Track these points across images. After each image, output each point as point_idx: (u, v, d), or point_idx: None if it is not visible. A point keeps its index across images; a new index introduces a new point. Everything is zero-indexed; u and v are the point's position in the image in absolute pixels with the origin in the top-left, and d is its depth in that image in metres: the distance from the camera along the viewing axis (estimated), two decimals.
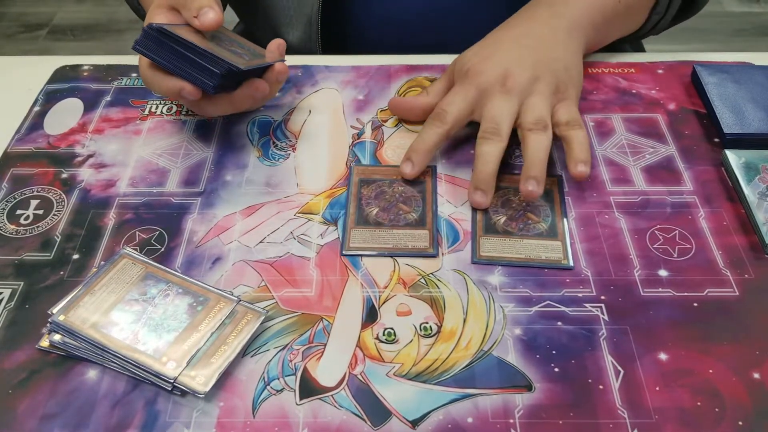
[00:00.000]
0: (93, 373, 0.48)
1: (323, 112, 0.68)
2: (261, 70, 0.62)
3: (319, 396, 0.47)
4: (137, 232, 0.57)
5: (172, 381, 0.46)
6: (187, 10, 0.59)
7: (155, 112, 0.68)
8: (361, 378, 0.48)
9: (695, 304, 0.52)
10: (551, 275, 0.54)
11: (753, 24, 2.30)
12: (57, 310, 0.49)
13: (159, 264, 0.53)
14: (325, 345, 0.50)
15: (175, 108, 0.69)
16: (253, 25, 0.89)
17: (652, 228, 0.57)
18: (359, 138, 0.66)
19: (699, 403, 0.46)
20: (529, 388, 0.47)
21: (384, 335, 0.50)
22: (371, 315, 0.51)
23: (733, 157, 0.61)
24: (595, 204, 0.59)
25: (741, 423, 0.45)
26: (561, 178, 0.61)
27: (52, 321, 0.49)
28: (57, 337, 0.49)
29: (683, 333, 0.50)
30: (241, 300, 0.51)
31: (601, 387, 0.47)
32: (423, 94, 0.66)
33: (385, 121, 0.67)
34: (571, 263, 0.54)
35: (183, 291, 0.51)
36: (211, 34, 0.60)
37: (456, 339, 0.50)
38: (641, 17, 0.73)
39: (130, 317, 0.49)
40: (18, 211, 0.59)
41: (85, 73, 0.73)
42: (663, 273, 0.54)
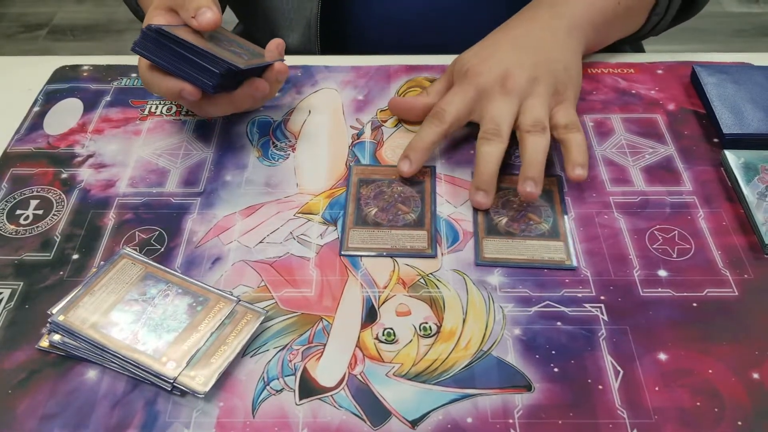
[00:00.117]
0: (93, 374, 0.48)
1: (323, 112, 0.68)
2: (261, 69, 0.62)
3: (319, 396, 0.47)
4: (137, 232, 0.57)
5: (171, 381, 0.46)
6: (185, 10, 0.59)
7: (155, 112, 0.68)
8: (361, 378, 0.48)
9: (695, 304, 0.52)
10: (551, 275, 0.54)
11: (752, 24, 2.30)
12: (57, 310, 0.49)
13: (159, 264, 0.53)
14: (325, 345, 0.50)
15: (175, 108, 0.69)
16: (253, 27, 0.89)
17: (651, 228, 0.57)
18: (359, 138, 0.66)
19: (698, 403, 0.46)
20: (529, 388, 0.47)
21: (384, 335, 0.50)
22: (371, 315, 0.51)
23: (733, 158, 0.61)
24: (595, 204, 0.59)
25: (740, 423, 0.45)
26: (560, 178, 0.61)
27: (51, 321, 0.49)
28: (57, 337, 0.49)
29: (683, 333, 0.50)
30: (241, 300, 0.51)
31: (601, 387, 0.47)
32: (423, 94, 0.66)
33: (385, 122, 0.67)
34: (575, 264, 0.54)
35: (183, 291, 0.51)
36: (210, 34, 0.60)
37: (455, 339, 0.50)
38: (641, 18, 0.73)
39: (129, 317, 0.49)
40: (18, 211, 0.59)
41: (85, 74, 0.73)
42: (662, 273, 0.54)
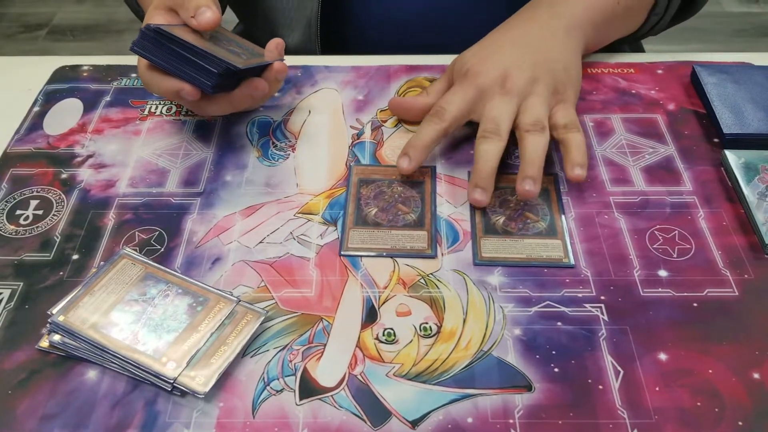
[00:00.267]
0: (93, 374, 0.48)
1: (323, 112, 0.68)
2: (260, 69, 0.62)
3: (319, 396, 0.47)
4: (137, 232, 0.57)
5: (171, 381, 0.46)
6: (185, 10, 0.59)
7: (155, 112, 0.68)
8: (361, 378, 0.48)
9: (695, 304, 0.52)
10: (551, 275, 0.54)
11: (752, 24, 2.30)
12: (57, 310, 0.49)
13: (159, 264, 0.53)
14: (325, 345, 0.50)
15: (175, 108, 0.69)
16: (253, 27, 0.89)
17: (651, 228, 0.57)
18: (359, 138, 0.66)
19: (699, 404, 0.46)
20: (529, 388, 0.47)
21: (384, 335, 0.50)
22: (371, 315, 0.51)
23: (733, 158, 0.61)
24: (595, 204, 0.59)
25: (741, 423, 0.45)
26: (557, 176, 0.61)
27: (51, 321, 0.49)
28: (57, 338, 0.49)
29: (683, 333, 0.50)
30: (241, 300, 0.51)
31: (601, 387, 0.47)
32: (423, 94, 0.66)
33: (385, 122, 0.67)
34: (572, 261, 0.54)
35: (183, 291, 0.51)
36: (210, 34, 0.60)
37: (456, 339, 0.50)
38: (640, 18, 0.73)
39: (129, 317, 0.49)
40: (17, 212, 0.59)
41: (85, 74, 0.73)
42: (663, 273, 0.54)
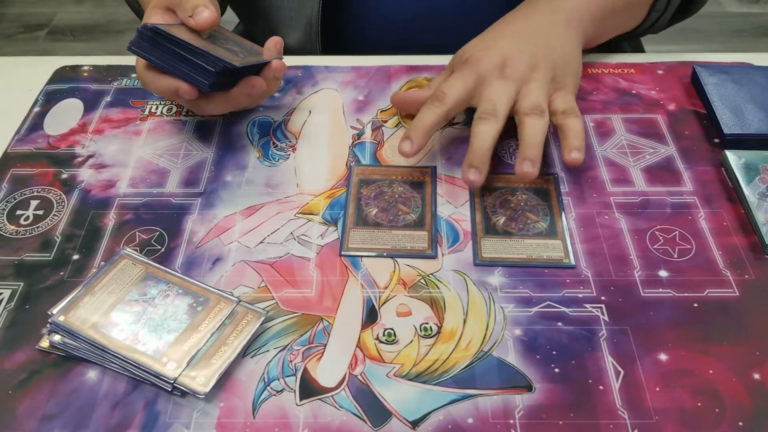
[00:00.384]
0: (93, 374, 0.48)
1: (323, 112, 0.68)
2: (258, 67, 0.62)
3: (320, 396, 0.47)
4: (137, 232, 0.57)
5: (172, 381, 0.46)
6: (182, 9, 0.59)
7: (155, 112, 0.68)
8: (362, 378, 0.48)
9: (695, 304, 0.52)
10: (551, 276, 0.54)
11: (752, 24, 2.30)
12: (57, 310, 0.49)
13: (159, 264, 0.53)
14: (325, 345, 0.50)
15: (175, 108, 0.69)
16: (254, 27, 0.89)
17: (652, 228, 0.57)
18: (359, 138, 0.66)
19: (699, 404, 0.46)
20: (530, 388, 0.47)
21: (384, 336, 0.50)
22: (371, 315, 0.51)
23: (733, 158, 0.61)
24: (595, 204, 0.59)
25: (741, 423, 0.45)
26: (558, 177, 0.61)
27: (52, 321, 0.49)
28: (57, 338, 0.49)
29: (683, 333, 0.50)
30: (241, 300, 0.51)
31: (602, 387, 0.47)
32: (425, 88, 0.66)
33: (385, 122, 0.67)
34: (573, 262, 0.54)
35: (183, 291, 0.51)
36: (208, 33, 0.60)
37: (456, 339, 0.50)
38: (641, 14, 0.73)
39: (130, 318, 0.49)
40: (18, 212, 0.59)
41: (85, 74, 0.73)
42: (663, 273, 0.54)
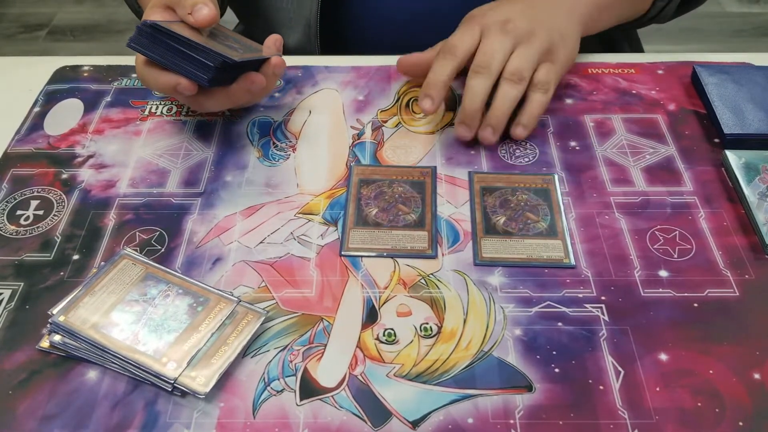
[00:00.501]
0: (93, 374, 0.48)
1: (323, 112, 0.68)
2: (257, 63, 0.61)
3: (320, 397, 0.47)
4: (137, 232, 0.57)
5: (172, 382, 0.46)
6: (182, 7, 0.59)
7: (155, 112, 0.68)
8: (362, 379, 0.48)
9: (695, 304, 0.52)
10: (551, 276, 0.54)
11: (752, 24, 2.30)
12: (57, 310, 0.49)
13: (159, 264, 0.53)
14: (326, 345, 0.50)
15: (176, 108, 0.69)
16: (253, 27, 0.89)
17: (652, 228, 0.57)
18: (359, 138, 0.66)
19: (699, 404, 0.46)
20: (530, 388, 0.47)
21: (384, 336, 0.50)
22: (371, 315, 0.51)
23: (733, 158, 0.61)
24: (596, 204, 0.59)
25: (741, 423, 0.45)
26: (558, 177, 0.61)
27: (52, 321, 0.49)
28: (57, 338, 0.49)
29: (683, 333, 0.50)
30: (242, 300, 0.51)
31: (602, 387, 0.47)
32: (430, 49, 0.69)
33: (386, 122, 0.67)
34: (573, 262, 0.54)
35: (183, 291, 0.51)
36: (207, 31, 0.60)
37: (456, 339, 0.50)
38: (646, 2, 0.75)
39: (130, 318, 0.49)
40: (18, 212, 0.59)
41: (85, 74, 0.73)
42: (663, 273, 0.54)
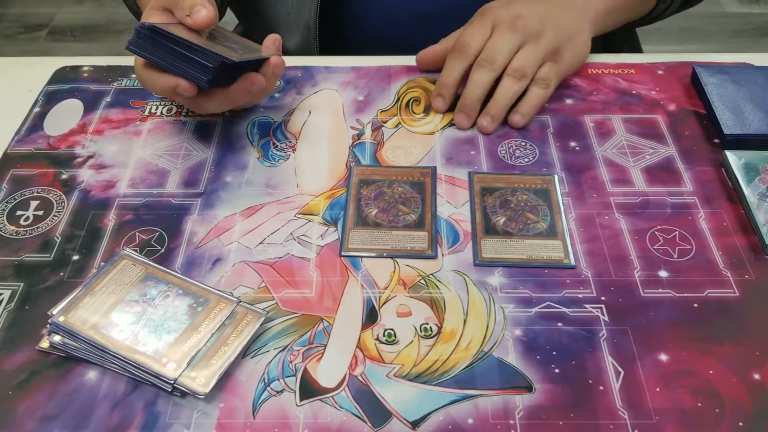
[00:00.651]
0: (93, 374, 0.48)
1: (323, 112, 0.68)
2: (257, 64, 0.61)
3: (320, 397, 0.47)
4: (137, 233, 0.57)
5: (172, 382, 0.46)
6: (180, 9, 0.59)
7: (155, 113, 0.68)
8: (362, 379, 0.48)
9: (695, 304, 0.52)
10: (551, 276, 0.54)
11: (752, 25, 2.30)
12: (57, 311, 0.49)
13: (159, 265, 0.53)
14: (326, 346, 0.49)
15: (175, 109, 0.69)
16: (253, 29, 0.89)
17: (652, 229, 0.57)
18: (359, 139, 0.66)
19: (699, 404, 0.46)
20: (530, 388, 0.47)
21: (384, 336, 0.50)
22: (371, 316, 0.51)
23: (733, 158, 0.61)
24: (595, 205, 0.59)
25: (741, 424, 0.45)
26: (558, 177, 0.61)
27: (52, 322, 0.49)
28: (57, 338, 0.48)
29: (683, 334, 0.50)
30: (241, 301, 0.51)
31: (602, 388, 0.47)
32: (443, 40, 0.70)
33: (385, 122, 0.67)
34: (573, 262, 0.54)
35: (183, 292, 0.51)
36: (206, 32, 0.60)
37: (456, 340, 0.50)
38: (650, 3, 0.77)
39: (130, 318, 0.49)
40: (18, 212, 0.59)
41: (85, 74, 0.73)
42: (663, 274, 0.54)
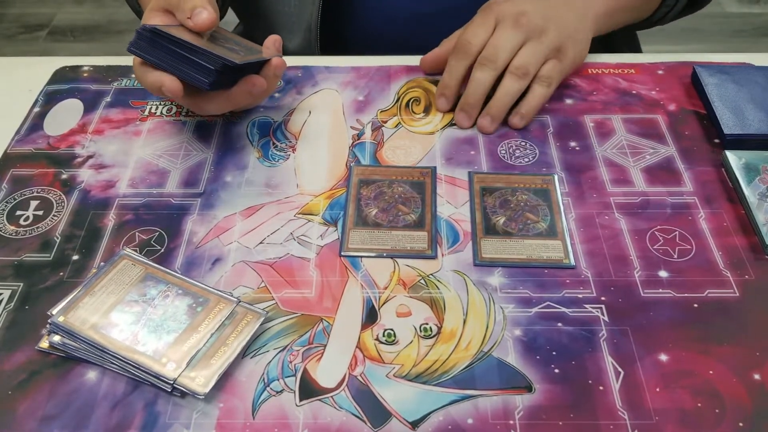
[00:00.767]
0: (93, 374, 0.48)
1: (323, 112, 0.68)
2: (258, 65, 0.61)
3: (319, 397, 0.47)
4: (137, 232, 0.57)
5: (171, 382, 0.46)
6: (181, 11, 0.59)
7: (155, 113, 0.68)
8: (361, 379, 0.48)
9: (695, 305, 0.52)
10: (551, 276, 0.53)
11: (752, 25, 2.30)
12: (57, 311, 0.49)
13: (159, 265, 0.53)
14: (325, 346, 0.49)
15: (175, 109, 0.69)
16: (254, 29, 0.89)
17: (652, 229, 0.57)
18: (359, 139, 0.66)
19: (699, 404, 0.46)
20: (529, 389, 0.47)
21: (384, 336, 0.50)
22: (371, 316, 0.51)
23: (734, 158, 0.61)
24: (595, 205, 0.59)
25: (741, 424, 0.45)
26: (558, 177, 0.61)
27: (51, 322, 0.49)
28: (57, 338, 0.48)
29: (683, 334, 0.50)
30: (241, 301, 0.51)
31: (602, 388, 0.47)
32: (446, 40, 0.70)
33: (385, 122, 0.67)
34: (573, 262, 0.54)
35: (183, 292, 0.51)
36: (207, 34, 0.60)
37: (456, 340, 0.50)
38: (651, 6, 0.77)
39: (129, 318, 0.49)
40: (18, 212, 0.59)
41: (85, 74, 0.73)
42: (663, 274, 0.54)
